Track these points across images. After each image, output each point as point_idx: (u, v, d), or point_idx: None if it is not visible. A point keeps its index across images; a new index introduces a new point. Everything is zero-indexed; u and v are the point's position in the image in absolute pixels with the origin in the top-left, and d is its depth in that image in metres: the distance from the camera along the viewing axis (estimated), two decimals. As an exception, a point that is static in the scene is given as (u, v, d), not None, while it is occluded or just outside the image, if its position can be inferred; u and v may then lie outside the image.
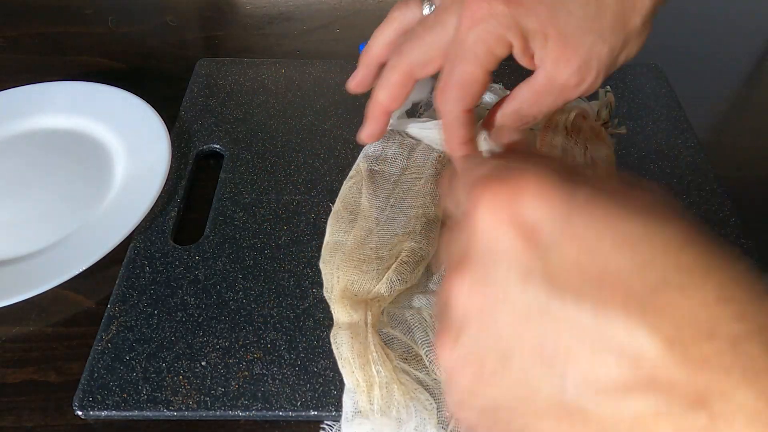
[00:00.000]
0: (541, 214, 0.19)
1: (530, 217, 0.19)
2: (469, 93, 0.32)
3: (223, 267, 0.43)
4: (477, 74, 0.31)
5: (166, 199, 0.48)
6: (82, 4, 0.71)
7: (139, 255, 0.44)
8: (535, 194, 0.19)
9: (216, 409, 0.36)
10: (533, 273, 0.19)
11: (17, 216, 0.47)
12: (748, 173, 0.54)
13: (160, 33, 0.68)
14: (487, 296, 0.20)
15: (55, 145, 0.53)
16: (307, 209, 0.47)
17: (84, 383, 0.37)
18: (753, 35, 0.70)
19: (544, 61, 0.31)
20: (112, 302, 0.41)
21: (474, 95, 0.32)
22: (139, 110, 0.53)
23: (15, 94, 0.56)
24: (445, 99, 0.33)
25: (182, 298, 0.41)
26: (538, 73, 0.31)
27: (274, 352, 0.38)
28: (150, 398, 0.36)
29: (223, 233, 0.45)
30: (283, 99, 0.57)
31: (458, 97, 0.32)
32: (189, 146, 0.52)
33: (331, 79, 0.59)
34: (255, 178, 0.49)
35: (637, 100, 0.57)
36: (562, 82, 0.31)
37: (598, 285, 0.18)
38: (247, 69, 0.60)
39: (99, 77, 0.58)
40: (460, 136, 0.34)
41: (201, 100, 0.56)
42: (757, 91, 0.65)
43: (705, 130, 0.57)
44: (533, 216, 0.19)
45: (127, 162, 0.50)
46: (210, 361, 0.38)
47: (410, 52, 0.34)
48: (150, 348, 0.38)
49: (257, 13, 0.71)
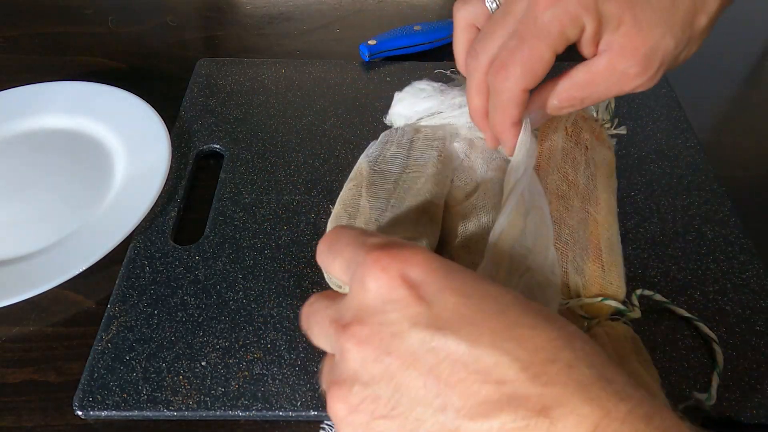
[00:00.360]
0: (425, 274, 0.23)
1: (417, 277, 0.23)
2: (533, 71, 0.31)
3: (223, 267, 0.43)
4: (545, 54, 0.31)
5: (166, 199, 0.48)
6: (82, 4, 0.71)
7: (139, 255, 0.44)
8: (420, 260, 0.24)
9: (216, 409, 0.36)
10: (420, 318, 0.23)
11: (17, 216, 0.47)
12: (748, 173, 0.54)
13: (160, 33, 0.68)
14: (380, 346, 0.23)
15: (55, 145, 0.53)
16: (307, 209, 0.47)
17: (84, 383, 0.37)
18: (753, 35, 0.70)
19: (611, 46, 0.31)
20: (112, 302, 0.41)
21: (537, 75, 0.32)
22: (139, 110, 0.53)
23: (15, 94, 0.56)
24: (507, 75, 0.32)
25: (182, 298, 0.41)
26: (600, 57, 0.31)
27: (274, 352, 0.38)
28: (150, 398, 0.36)
29: (223, 233, 0.45)
30: (283, 99, 0.57)
31: (521, 74, 0.32)
32: (189, 146, 0.52)
33: (331, 79, 0.59)
34: (255, 178, 0.49)
35: (637, 100, 0.57)
36: (622, 69, 0.31)
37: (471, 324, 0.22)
38: (247, 69, 0.60)
39: (99, 77, 0.58)
40: (514, 116, 0.34)
41: (201, 100, 0.56)
42: (757, 91, 0.65)
43: (705, 130, 0.57)
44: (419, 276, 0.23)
45: (127, 162, 0.50)
46: (210, 361, 0.38)
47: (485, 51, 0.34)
48: (150, 348, 0.38)
49: (257, 13, 0.71)
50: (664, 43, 0.30)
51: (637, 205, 0.48)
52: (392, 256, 0.24)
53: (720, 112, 0.61)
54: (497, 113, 0.34)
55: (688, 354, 0.39)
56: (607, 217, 0.39)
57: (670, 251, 0.45)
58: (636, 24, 0.30)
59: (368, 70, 0.60)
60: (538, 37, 0.31)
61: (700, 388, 0.37)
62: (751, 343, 0.40)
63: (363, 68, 0.60)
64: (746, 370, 0.38)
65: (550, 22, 0.30)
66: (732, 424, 0.37)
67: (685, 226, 0.46)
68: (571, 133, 0.42)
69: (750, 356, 0.39)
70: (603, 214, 0.39)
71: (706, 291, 0.42)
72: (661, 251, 0.45)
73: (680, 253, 0.45)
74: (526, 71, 0.32)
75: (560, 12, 0.30)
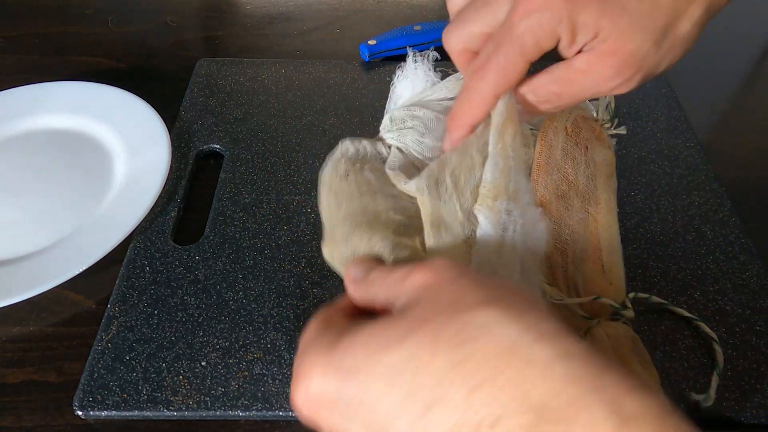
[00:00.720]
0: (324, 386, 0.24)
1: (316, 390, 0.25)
2: (506, 79, 0.32)
3: (223, 267, 0.43)
4: (519, 63, 0.31)
5: (166, 199, 0.48)
6: (82, 4, 0.71)
7: (139, 255, 0.44)
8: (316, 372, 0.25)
9: (216, 409, 0.36)
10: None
11: (17, 216, 0.47)
12: (748, 173, 0.54)
13: (160, 33, 0.68)
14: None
15: (55, 145, 0.53)
16: (307, 209, 0.47)
17: (84, 383, 0.37)
18: (753, 36, 0.70)
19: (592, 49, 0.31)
20: (112, 302, 0.41)
21: (510, 83, 0.32)
22: (139, 110, 0.53)
23: (15, 94, 0.56)
24: (481, 77, 0.33)
25: (182, 298, 0.41)
26: (581, 56, 0.31)
27: (274, 352, 0.38)
28: (150, 398, 0.36)
29: (223, 233, 0.45)
30: (283, 99, 0.57)
31: (494, 80, 0.32)
32: (189, 146, 0.52)
33: (331, 79, 0.59)
34: (255, 178, 0.49)
35: (637, 100, 0.57)
36: (600, 71, 0.31)
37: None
38: (247, 69, 0.60)
39: (99, 77, 0.58)
40: (475, 116, 0.34)
41: (201, 100, 0.56)
42: (757, 91, 0.65)
43: (705, 130, 0.57)
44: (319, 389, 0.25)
45: (127, 162, 0.50)
46: (210, 361, 0.38)
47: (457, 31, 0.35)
48: (150, 348, 0.38)
49: (257, 13, 0.71)
50: (644, 48, 0.30)
51: (637, 205, 0.48)
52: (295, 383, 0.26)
53: (720, 112, 0.61)
54: (462, 106, 0.35)
55: (688, 354, 0.39)
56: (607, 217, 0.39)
57: (670, 251, 0.45)
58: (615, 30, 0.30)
59: (368, 70, 0.60)
60: (512, 46, 0.31)
61: (700, 388, 0.37)
62: (751, 343, 0.40)
63: (363, 68, 0.60)
64: (746, 370, 0.38)
65: (524, 33, 0.30)
66: (732, 424, 0.37)
67: (685, 226, 0.46)
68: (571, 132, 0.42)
69: (750, 356, 0.39)
70: (603, 214, 0.39)
71: (706, 291, 0.42)
72: (661, 251, 0.45)
73: (680, 253, 0.45)
74: (500, 78, 0.32)
75: (534, 24, 0.30)
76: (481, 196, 0.34)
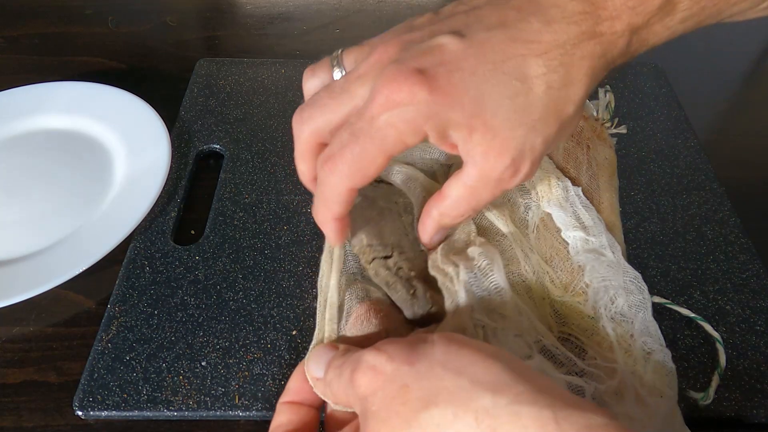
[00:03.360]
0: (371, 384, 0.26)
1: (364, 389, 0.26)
2: (362, 173, 0.29)
3: (223, 267, 0.43)
4: (378, 158, 0.28)
5: (166, 199, 0.48)
6: (82, 4, 0.71)
7: (139, 255, 0.44)
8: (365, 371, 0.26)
9: (216, 409, 0.36)
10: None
11: (17, 216, 0.47)
12: (748, 173, 0.54)
13: (160, 33, 0.68)
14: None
15: (55, 145, 0.53)
16: (307, 209, 0.47)
17: (84, 383, 0.37)
18: (753, 35, 0.70)
19: (472, 154, 0.28)
20: (112, 302, 0.41)
21: (367, 177, 0.29)
22: (139, 110, 0.53)
23: (15, 94, 0.56)
24: (332, 170, 0.29)
25: (182, 298, 0.41)
26: (468, 169, 0.29)
27: (274, 352, 0.38)
28: (150, 398, 0.36)
29: (223, 233, 0.45)
30: (283, 99, 0.57)
31: (349, 174, 0.29)
32: (189, 146, 0.52)
33: (331, 79, 0.59)
34: (255, 178, 0.49)
35: (637, 100, 0.57)
36: (497, 176, 0.29)
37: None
38: (247, 69, 0.60)
39: (99, 77, 0.58)
40: (335, 212, 0.31)
41: (201, 100, 0.56)
42: (757, 91, 0.65)
43: (705, 130, 0.57)
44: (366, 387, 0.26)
45: (127, 162, 0.50)
46: (210, 361, 0.38)
47: (311, 120, 0.31)
48: (150, 348, 0.38)
49: (257, 13, 0.71)
50: (530, 141, 0.28)
51: (637, 205, 0.48)
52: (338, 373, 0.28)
53: (720, 112, 0.61)
54: (320, 204, 0.32)
55: (689, 354, 0.39)
56: (610, 216, 0.39)
57: (670, 251, 0.45)
58: (490, 130, 0.27)
59: (368, 70, 0.60)
60: (371, 139, 0.28)
61: (700, 388, 0.37)
62: (751, 343, 0.40)
63: (363, 68, 0.60)
64: (746, 370, 0.38)
65: (385, 127, 0.27)
66: (732, 424, 0.37)
67: (685, 226, 0.46)
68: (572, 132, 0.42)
69: (750, 356, 0.39)
70: (606, 214, 0.39)
71: (706, 291, 0.42)
72: (661, 251, 0.45)
73: (680, 253, 0.45)
74: (355, 171, 0.29)
75: (396, 118, 0.27)
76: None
